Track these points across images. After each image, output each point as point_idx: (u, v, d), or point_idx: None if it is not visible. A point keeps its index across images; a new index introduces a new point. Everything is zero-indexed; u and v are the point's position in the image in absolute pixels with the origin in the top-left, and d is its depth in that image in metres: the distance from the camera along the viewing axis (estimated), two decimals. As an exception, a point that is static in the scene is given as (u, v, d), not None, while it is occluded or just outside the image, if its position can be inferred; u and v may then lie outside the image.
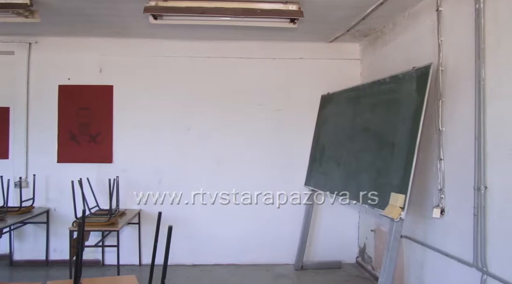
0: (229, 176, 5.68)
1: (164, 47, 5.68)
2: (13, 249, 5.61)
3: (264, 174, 5.70)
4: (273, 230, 5.70)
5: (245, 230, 5.69)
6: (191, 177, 5.65)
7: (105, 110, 5.63)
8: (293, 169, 5.71)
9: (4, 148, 5.78)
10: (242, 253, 5.68)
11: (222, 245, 5.67)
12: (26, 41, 5.62)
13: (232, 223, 5.67)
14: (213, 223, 5.66)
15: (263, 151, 5.73)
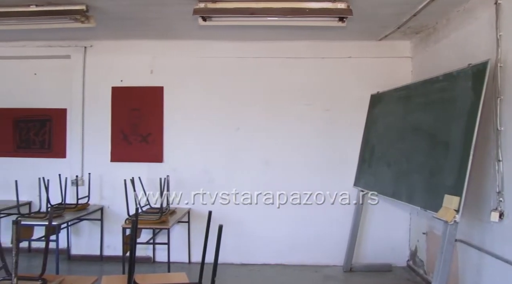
0: (277, 176, 5.67)
1: (212, 48, 5.75)
2: (70, 244, 5.87)
3: (312, 175, 5.65)
4: (321, 231, 5.64)
5: (293, 230, 5.67)
6: (240, 177, 5.69)
7: (156, 110, 5.77)
8: (341, 169, 5.63)
9: (62, 148, 6.06)
10: (289, 253, 5.66)
11: (270, 245, 5.67)
12: (81, 45, 5.86)
13: (280, 223, 5.66)
14: (261, 223, 5.68)
15: (312, 151, 5.68)
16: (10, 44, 5.89)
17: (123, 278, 2.95)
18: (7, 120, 6.15)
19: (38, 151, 6.12)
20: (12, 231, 4.63)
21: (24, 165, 6.07)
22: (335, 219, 5.60)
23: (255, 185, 5.66)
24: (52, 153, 6.08)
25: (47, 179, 5.30)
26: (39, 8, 4.21)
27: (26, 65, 6.15)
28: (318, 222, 5.64)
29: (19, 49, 5.92)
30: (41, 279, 2.70)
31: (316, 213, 5.62)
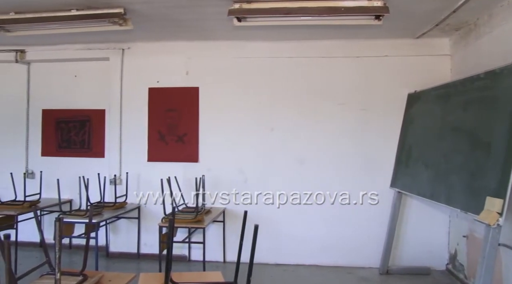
0: (311, 176, 5.64)
1: (246, 49, 5.78)
2: (108, 241, 6.02)
3: (347, 175, 5.59)
4: (356, 232, 5.57)
5: (328, 231, 5.62)
6: (274, 177, 5.69)
7: (192, 111, 5.84)
8: (377, 169, 5.54)
9: (100, 148, 6.22)
10: (324, 254, 5.61)
11: (304, 245, 5.64)
12: (119, 47, 6.00)
13: (315, 223, 5.63)
14: (296, 223, 5.65)
15: (346, 151, 5.61)
16: (53, 48, 6.12)
17: (160, 276, 2.99)
18: (50, 121, 6.38)
19: (78, 151, 6.31)
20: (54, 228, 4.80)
21: (65, 164, 6.29)
22: (370, 220, 5.52)
23: (289, 185, 5.65)
24: (91, 153, 6.26)
25: (87, 178, 5.46)
26: (79, 12, 4.34)
27: (67, 68, 6.35)
28: (353, 223, 5.57)
29: (61, 52, 6.13)
30: (82, 275, 2.77)
31: (351, 214, 5.56)
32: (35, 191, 5.97)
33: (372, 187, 5.52)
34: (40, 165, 6.34)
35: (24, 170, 6.39)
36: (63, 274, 2.48)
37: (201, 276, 3.51)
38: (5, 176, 6.06)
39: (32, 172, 6.40)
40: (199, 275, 3.68)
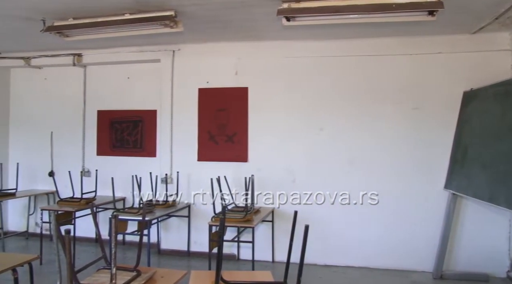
0: (362, 177, 5.53)
1: (295, 48, 5.75)
2: (160, 238, 6.17)
3: (399, 176, 5.44)
4: (409, 234, 5.40)
5: (379, 233, 5.49)
6: (324, 177, 5.62)
7: (241, 111, 5.89)
8: (430, 171, 5.36)
9: (152, 147, 6.40)
10: (375, 256, 5.49)
11: (354, 246, 5.55)
12: (170, 49, 6.13)
13: (366, 225, 5.52)
14: (346, 224, 5.57)
15: (398, 151, 5.47)
16: (107, 51, 6.36)
17: (210, 274, 3.03)
18: (104, 121, 6.63)
19: (131, 150, 6.51)
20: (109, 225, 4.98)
21: (119, 163, 6.52)
22: (423, 222, 5.35)
23: (340, 186, 5.57)
24: (143, 152, 6.45)
25: (139, 176, 5.62)
26: (132, 16, 4.48)
27: (121, 70, 6.58)
28: (405, 225, 5.41)
29: (114, 55, 6.36)
30: (136, 271, 2.85)
31: (403, 216, 5.41)
32: (91, 189, 6.23)
33: (424, 188, 5.35)
34: (95, 164, 6.63)
35: (81, 169, 6.69)
36: (118, 269, 2.56)
37: (251, 275, 3.52)
38: (63, 175, 6.40)
39: (88, 171, 6.67)
40: (249, 274, 3.70)
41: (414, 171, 5.41)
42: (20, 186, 6.60)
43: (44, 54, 6.67)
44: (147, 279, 2.78)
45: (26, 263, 3.19)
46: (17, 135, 7.19)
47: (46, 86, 7.02)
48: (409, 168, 5.42)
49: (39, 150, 6.97)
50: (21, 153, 7.10)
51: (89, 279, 2.70)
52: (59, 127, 6.90)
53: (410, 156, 5.43)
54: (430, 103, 5.41)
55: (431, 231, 5.28)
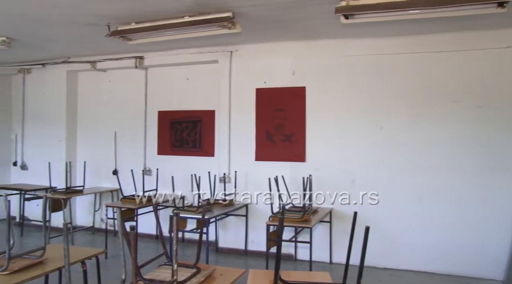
0: (423, 178, 5.34)
1: (352, 46, 5.64)
2: (218, 237, 6.27)
3: (462, 177, 5.19)
4: (475, 239, 5.14)
5: (441, 237, 5.27)
6: (383, 178, 5.48)
7: (298, 110, 5.86)
8: (498, 173, 5.07)
9: (211, 147, 6.52)
10: (436, 260, 5.28)
11: (415, 250, 5.36)
12: (228, 50, 6.21)
13: (427, 228, 5.31)
14: (406, 226, 5.40)
15: (461, 152, 5.21)
16: (167, 53, 6.54)
17: (268, 273, 3.03)
18: (165, 121, 6.84)
19: (190, 150, 6.67)
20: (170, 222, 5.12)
21: (179, 162, 6.70)
22: (490, 226, 5.07)
23: (399, 187, 5.41)
24: (202, 152, 6.59)
25: (198, 176, 5.73)
26: (191, 18, 4.58)
27: (180, 71, 6.76)
28: (470, 228, 5.16)
29: (174, 57, 6.53)
30: (196, 267, 2.91)
31: (468, 219, 5.16)
32: (152, 187, 6.44)
33: (491, 190, 5.08)
34: (156, 163, 6.85)
35: (143, 167, 6.92)
36: (178, 265, 2.62)
37: (309, 275, 3.50)
38: (126, 173, 6.68)
39: (149, 170, 6.91)
40: (307, 274, 3.67)
41: (479, 174, 5.13)
42: (86, 183, 6.94)
43: (109, 58, 6.98)
44: (206, 276, 2.82)
45: (93, 257, 3.36)
46: (84, 135, 7.59)
47: (110, 88, 7.35)
48: (474, 170, 5.16)
49: (103, 150, 7.31)
50: (87, 152, 7.48)
51: (151, 274, 2.78)
52: (122, 127, 7.20)
53: (475, 157, 5.16)
54: (496, 100, 5.12)
55: (501, 236, 5.00)
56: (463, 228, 5.18)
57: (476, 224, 5.13)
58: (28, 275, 2.79)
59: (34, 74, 7.81)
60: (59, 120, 7.51)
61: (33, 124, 7.84)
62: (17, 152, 8.02)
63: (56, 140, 7.52)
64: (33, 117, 7.85)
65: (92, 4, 4.30)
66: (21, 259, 3.04)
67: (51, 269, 2.98)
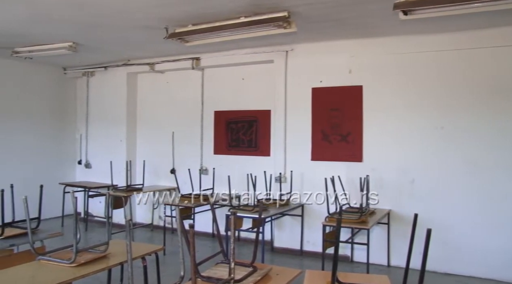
0: (488, 179, 5.06)
1: (411, 43, 5.45)
2: (273, 236, 6.28)
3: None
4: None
5: (508, 241, 4.97)
6: (444, 179, 5.26)
7: (355, 110, 5.75)
8: None
9: (266, 147, 6.54)
10: (503, 267, 4.97)
11: (479, 255, 5.09)
12: (283, 49, 6.21)
13: (493, 231, 5.03)
14: (470, 229, 5.13)
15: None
16: (222, 54, 6.64)
17: (325, 274, 3.00)
18: (221, 121, 6.95)
19: (246, 150, 6.72)
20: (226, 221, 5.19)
21: (234, 162, 6.77)
22: None
23: (463, 188, 5.17)
24: (258, 152, 6.62)
25: (254, 175, 5.76)
26: (247, 19, 4.60)
27: (235, 72, 6.83)
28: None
29: (229, 57, 6.61)
30: (252, 266, 2.92)
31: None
32: (208, 186, 6.55)
33: None
34: (212, 162, 6.96)
35: (200, 167, 7.06)
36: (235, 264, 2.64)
37: (367, 278, 3.42)
38: (183, 172, 6.84)
39: (206, 169, 7.03)
40: (365, 277, 3.59)
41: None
42: (145, 182, 7.18)
43: (166, 60, 7.17)
44: (263, 275, 2.83)
45: (153, 253, 3.47)
46: (143, 135, 7.86)
47: (168, 89, 7.56)
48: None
49: (162, 149, 7.52)
50: (146, 151, 7.73)
51: (209, 272, 2.82)
52: (179, 127, 7.37)
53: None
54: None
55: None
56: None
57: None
58: (93, 268, 2.93)
59: (97, 77, 8.19)
60: (120, 121, 7.82)
61: (96, 125, 8.22)
62: (82, 151, 8.44)
63: (117, 140, 7.83)
64: (96, 118, 8.23)
65: (153, 8, 4.43)
66: (87, 252, 3.19)
67: (114, 264, 3.11)
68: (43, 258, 3.04)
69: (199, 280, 2.61)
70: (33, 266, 2.96)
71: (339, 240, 2.57)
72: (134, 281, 2.43)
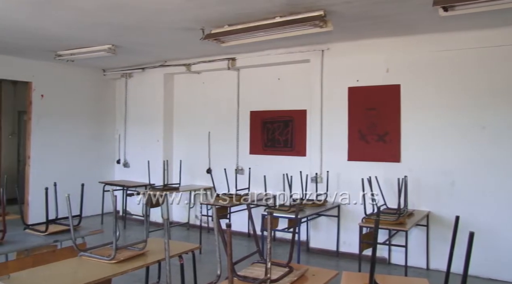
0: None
1: (450, 40, 5.30)
2: (309, 237, 6.24)
3: None
4: None
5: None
6: (487, 180, 5.08)
7: (392, 109, 5.64)
8: None
9: (302, 147, 6.51)
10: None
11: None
12: (319, 49, 6.16)
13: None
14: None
15: None
16: (257, 54, 6.66)
17: (362, 276, 2.96)
18: (256, 121, 6.96)
19: (281, 150, 6.71)
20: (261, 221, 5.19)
21: (270, 162, 6.78)
22: None
23: (508, 191, 4.97)
24: (293, 152, 6.60)
25: (290, 175, 5.74)
26: (283, 19, 4.59)
27: (271, 71, 6.83)
28: None
29: (265, 57, 6.62)
30: (288, 267, 2.90)
31: None
32: (244, 185, 6.58)
33: None
34: (248, 162, 6.99)
35: (235, 166, 7.10)
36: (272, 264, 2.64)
37: (406, 281, 3.35)
38: (219, 172, 6.90)
39: (242, 169, 7.06)
40: (404, 280, 3.52)
41: None
42: (182, 181, 7.28)
43: (202, 60, 7.25)
44: (299, 276, 2.81)
45: (190, 251, 3.50)
46: (179, 135, 7.98)
47: (204, 90, 7.64)
48: None
49: (198, 149, 7.62)
50: (183, 151, 7.85)
51: (245, 271, 2.82)
52: (215, 127, 7.44)
53: None
54: None
55: None
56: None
57: None
58: (132, 265, 2.99)
59: (134, 78, 8.38)
60: (157, 121, 7.97)
61: (134, 125, 8.41)
62: (120, 151, 8.66)
63: (154, 140, 7.97)
64: (134, 118, 8.42)
65: (190, 10, 4.49)
66: (126, 250, 3.26)
67: (152, 261, 3.17)
68: (84, 254, 3.13)
69: (236, 279, 2.62)
70: (75, 262, 3.06)
71: (377, 241, 2.53)
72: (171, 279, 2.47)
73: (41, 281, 2.62)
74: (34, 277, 2.72)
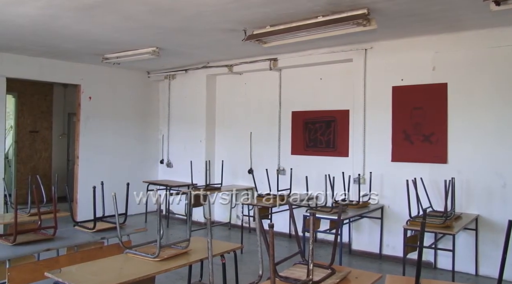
0: None
1: (503, 36, 5.06)
2: (351, 239, 6.15)
3: None
4: None
5: None
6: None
7: (439, 109, 5.46)
8: None
9: (344, 147, 6.42)
10: None
11: None
12: (362, 48, 6.06)
13: None
14: None
15: None
16: (299, 54, 6.62)
17: (407, 280, 2.89)
18: (298, 122, 6.93)
19: (323, 150, 6.64)
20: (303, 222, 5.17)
21: (312, 162, 6.73)
22: None
23: None
24: (336, 152, 6.52)
25: (332, 176, 5.68)
26: (325, 18, 4.54)
27: (313, 71, 6.79)
28: None
29: (307, 57, 6.58)
30: (331, 268, 2.87)
31: None
32: (285, 186, 6.56)
33: None
34: (290, 162, 6.97)
35: (277, 167, 7.10)
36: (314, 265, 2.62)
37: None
38: (261, 172, 6.91)
39: (283, 169, 7.05)
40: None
41: None
42: (224, 181, 7.35)
43: (244, 61, 7.29)
44: (341, 278, 2.77)
45: (231, 251, 3.53)
46: (221, 136, 8.06)
47: (246, 90, 7.68)
48: None
49: (240, 149, 7.66)
50: (225, 151, 7.92)
51: (286, 272, 2.82)
52: (257, 128, 7.46)
53: None
54: None
55: None
56: None
57: None
58: (175, 263, 3.05)
59: (177, 79, 8.54)
60: (199, 121, 8.08)
61: (177, 125, 8.57)
62: (164, 151, 8.84)
63: (197, 140, 8.09)
64: (177, 119, 8.58)
65: (232, 11, 4.52)
66: (169, 248, 3.33)
67: (194, 260, 3.22)
68: (130, 251, 3.22)
69: (277, 280, 2.62)
70: (121, 258, 3.15)
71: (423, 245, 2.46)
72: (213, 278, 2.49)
73: (90, 276, 2.71)
74: (83, 272, 2.82)
